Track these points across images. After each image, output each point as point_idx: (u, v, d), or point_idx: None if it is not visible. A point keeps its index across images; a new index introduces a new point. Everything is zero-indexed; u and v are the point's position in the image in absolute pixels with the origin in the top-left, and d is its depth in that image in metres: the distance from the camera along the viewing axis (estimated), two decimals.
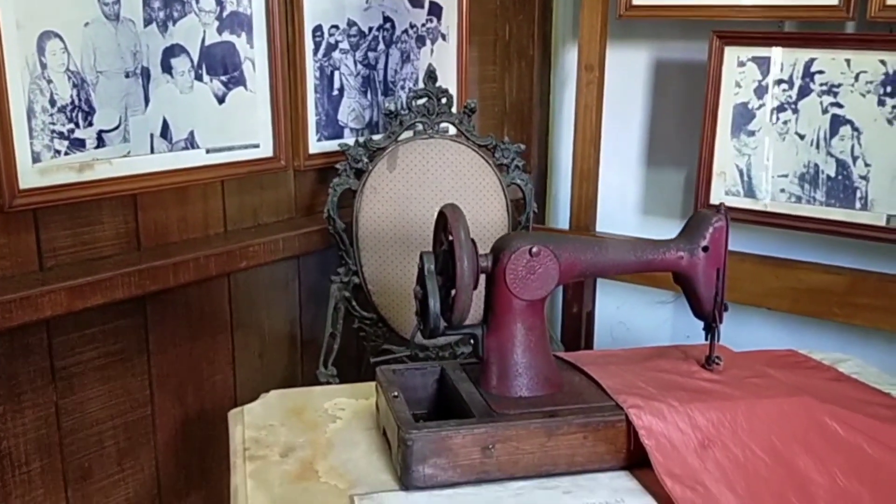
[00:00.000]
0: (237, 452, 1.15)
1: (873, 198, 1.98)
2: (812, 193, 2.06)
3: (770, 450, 1.06)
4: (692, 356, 1.27)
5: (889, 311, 1.99)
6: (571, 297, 2.50)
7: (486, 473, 1.06)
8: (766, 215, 2.12)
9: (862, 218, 2.00)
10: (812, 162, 2.04)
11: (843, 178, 2.01)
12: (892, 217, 1.97)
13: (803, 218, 2.07)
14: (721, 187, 2.17)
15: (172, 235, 1.79)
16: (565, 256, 1.11)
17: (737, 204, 2.15)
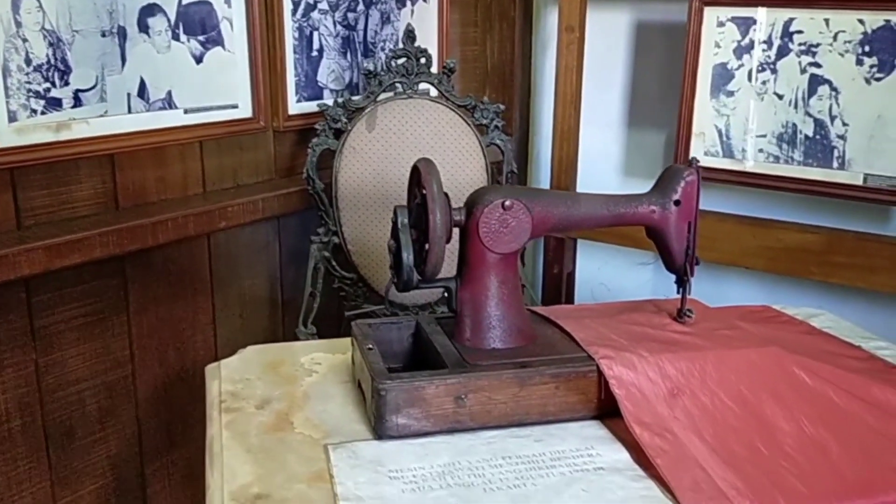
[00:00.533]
0: (213, 405, 1.16)
1: (850, 157, 2.00)
2: (790, 153, 2.07)
3: (738, 398, 1.08)
4: (664, 310, 1.29)
5: (865, 269, 2.02)
6: (552, 257, 2.51)
7: (459, 423, 1.07)
8: (744, 175, 2.13)
9: (839, 177, 2.02)
10: (790, 122, 2.05)
11: (820, 137, 2.02)
12: (869, 176, 1.98)
13: (781, 178, 2.08)
14: (700, 147, 2.18)
15: (151, 196, 1.79)
16: (538, 210, 1.11)
17: (715, 164, 2.16)
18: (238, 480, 0.97)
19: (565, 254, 2.53)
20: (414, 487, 0.97)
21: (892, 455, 1.02)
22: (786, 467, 0.99)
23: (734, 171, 2.15)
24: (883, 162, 1.95)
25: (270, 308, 2.11)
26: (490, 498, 0.95)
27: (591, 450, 1.05)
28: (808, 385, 1.11)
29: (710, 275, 2.29)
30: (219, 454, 1.03)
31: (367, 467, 1.00)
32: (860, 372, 1.20)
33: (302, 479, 0.98)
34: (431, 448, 1.05)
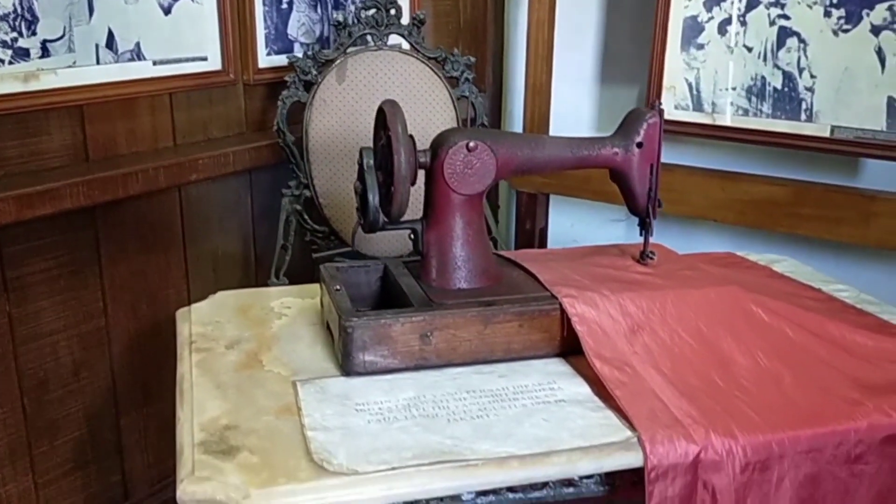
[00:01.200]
0: (184, 345, 1.17)
1: (818, 109, 2.02)
2: (759, 106, 2.09)
3: (696, 334, 1.11)
4: (628, 253, 1.31)
5: (832, 220, 2.05)
6: (524, 213, 2.54)
7: (425, 360, 1.10)
8: (713, 129, 2.15)
9: (807, 129, 2.04)
10: (759, 74, 2.07)
11: (789, 90, 2.05)
12: (836, 128, 2.01)
13: (750, 131, 2.11)
14: (671, 101, 2.20)
15: (121, 148, 1.79)
16: (502, 152, 1.13)
17: (685, 118, 2.18)
18: (207, 413, 0.99)
19: (538, 209, 2.55)
20: (379, 419, 0.99)
21: (844, 386, 1.06)
22: (740, 398, 1.03)
23: (704, 125, 2.17)
24: (849, 114, 1.98)
25: (243, 262, 2.12)
26: (453, 427, 0.97)
27: (553, 384, 1.08)
28: (765, 321, 1.14)
29: (679, 228, 2.33)
30: (189, 390, 1.05)
31: (335, 401, 1.03)
32: (817, 311, 1.23)
33: (270, 412, 1.00)
34: (397, 384, 1.07)
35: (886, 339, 1.17)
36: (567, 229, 2.74)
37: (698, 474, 0.95)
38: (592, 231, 2.71)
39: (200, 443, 0.93)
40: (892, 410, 1.01)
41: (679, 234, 2.30)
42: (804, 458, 0.98)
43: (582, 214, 2.68)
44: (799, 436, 0.98)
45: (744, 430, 0.97)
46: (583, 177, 2.36)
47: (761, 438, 0.97)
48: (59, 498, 1.81)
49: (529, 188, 2.50)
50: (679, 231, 2.31)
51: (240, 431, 0.95)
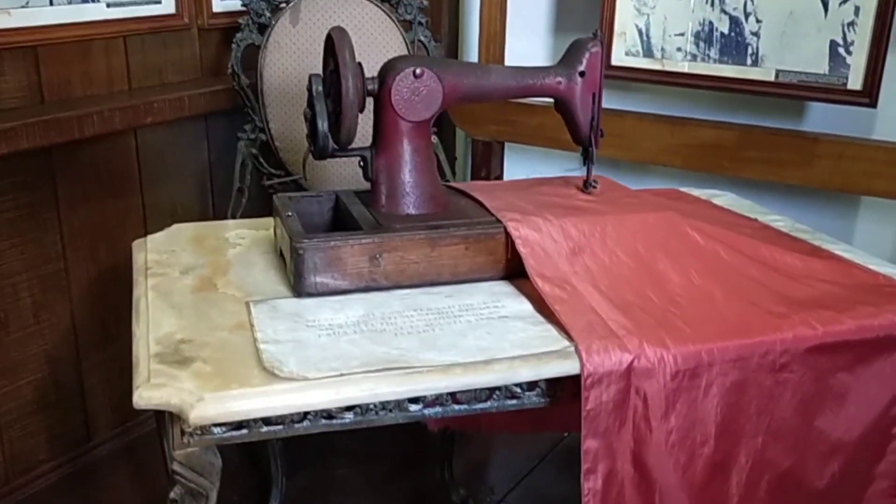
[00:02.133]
0: (140, 271, 1.20)
1: (763, 53, 2.07)
2: (707, 51, 2.14)
3: (634, 255, 1.17)
4: (573, 183, 1.36)
5: (776, 163, 2.11)
6: (480, 162, 2.57)
7: (375, 282, 1.14)
8: (663, 74, 2.20)
9: (752, 74, 2.09)
10: (707, 20, 2.12)
11: (735, 34, 2.09)
12: (781, 72, 2.06)
13: (698, 76, 2.15)
14: (622, 48, 2.24)
15: (76, 90, 1.79)
16: (448, 79, 1.17)
17: (636, 64, 2.22)
18: (163, 329, 1.03)
19: (493, 158, 2.58)
20: (329, 333, 1.03)
21: (772, 301, 1.12)
22: (673, 312, 1.08)
23: (654, 71, 2.21)
24: (794, 57, 2.04)
25: (201, 208, 2.14)
26: (400, 340, 1.02)
27: (498, 303, 1.13)
28: (700, 243, 1.20)
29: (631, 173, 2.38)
30: (145, 310, 1.08)
31: (287, 318, 1.07)
32: (752, 236, 1.29)
33: (224, 328, 1.04)
34: (348, 304, 1.11)
35: (815, 261, 1.24)
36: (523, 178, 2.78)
37: (631, 381, 1.01)
38: None
39: (156, 354, 0.97)
40: (817, 323, 1.08)
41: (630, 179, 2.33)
42: (731, 367, 1.04)
43: (537, 163, 2.72)
44: (727, 346, 1.04)
45: (675, 341, 1.03)
46: (537, 125, 2.40)
47: (691, 348, 1.03)
48: (23, 438, 1.84)
49: (484, 136, 2.54)
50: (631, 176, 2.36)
51: (194, 345, 0.99)
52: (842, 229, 2.18)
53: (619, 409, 1.01)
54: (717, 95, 2.22)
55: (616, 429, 1.01)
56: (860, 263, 1.26)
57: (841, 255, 1.29)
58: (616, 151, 2.27)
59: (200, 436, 0.93)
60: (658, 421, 1.03)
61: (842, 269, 1.23)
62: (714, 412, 1.05)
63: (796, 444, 1.08)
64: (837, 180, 2.05)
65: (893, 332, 1.08)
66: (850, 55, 1.98)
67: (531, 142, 2.47)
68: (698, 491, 1.05)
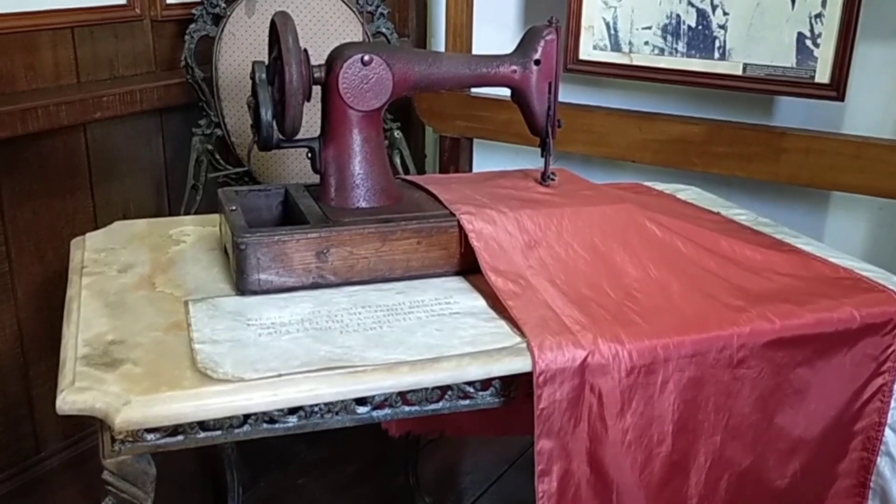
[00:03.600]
0: (75, 270, 1.15)
1: (731, 47, 2.04)
2: (674, 45, 2.11)
3: (590, 248, 1.13)
4: (531, 176, 1.32)
5: (744, 158, 2.08)
6: (448, 158, 2.53)
7: (322, 279, 1.09)
8: (630, 69, 2.16)
9: (720, 67, 2.06)
10: (674, 13, 2.09)
11: (703, 27, 2.06)
12: (748, 66, 2.03)
13: (666, 70, 2.12)
14: (589, 41, 2.20)
15: (20, 84, 1.73)
16: (398, 66, 1.12)
17: (604, 58, 2.18)
18: (94, 330, 0.97)
19: (461, 154, 2.54)
20: (271, 332, 0.98)
21: (730, 294, 1.09)
22: (629, 306, 1.04)
23: (621, 66, 2.17)
24: (761, 50, 2.01)
25: (156, 206, 2.08)
26: (345, 338, 0.97)
27: (450, 299, 1.09)
28: (658, 236, 1.16)
29: (602, 170, 2.35)
30: (76, 310, 1.03)
31: (226, 318, 1.01)
32: (712, 229, 1.26)
33: (159, 328, 0.98)
34: (293, 301, 1.06)
35: (775, 254, 1.20)
36: None
37: (585, 378, 0.97)
38: None
39: (83, 356, 0.91)
40: (775, 316, 1.04)
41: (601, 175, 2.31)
42: (688, 363, 1.01)
43: (506, 160, 2.68)
44: (683, 340, 1.00)
45: (630, 336, 0.99)
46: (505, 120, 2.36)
47: (647, 343, 0.99)
48: None
49: (451, 132, 2.49)
50: (601, 172, 2.33)
51: (125, 346, 0.94)
52: (812, 225, 2.16)
53: (573, 408, 0.97)
54: (686, 90, 2.19)
55: (571, 428, 0.97)
56: (820, 256, 1.23)
57: (801, 248, 1.26)
58: (585, 147, 2.23)
59: (132, 443, 0.88)
60: (614, 419, 0.99)
61: (802, 262, 1.20)
62: (671, 409, 1.02)
63: (756, 442, 1.04)
64: (805, 175, 2.02)
65: (853, 325, 1.05)
66: (817, 48, 1.95)
67: (499, 138, 2.42)
68: (656, 491, 1.01)
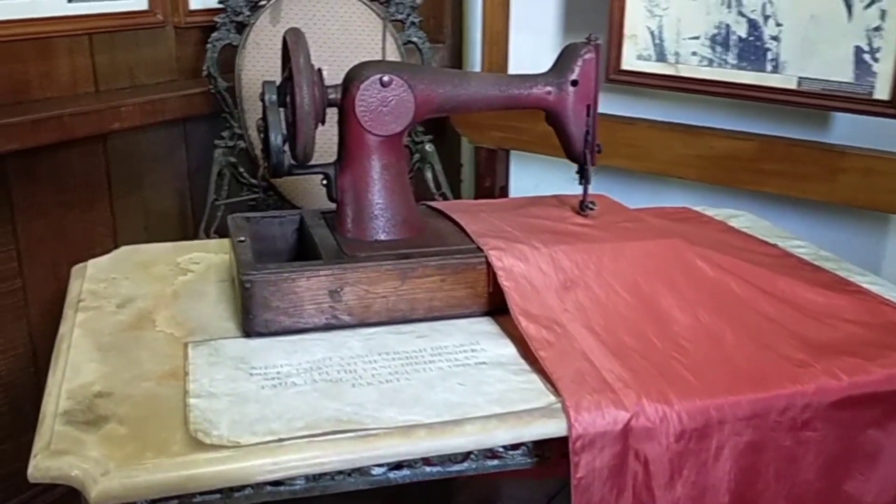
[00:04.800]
0: (70, 304, 1.06)
1: (784, 59, 1.91)
2: (723, 56, 1.98)
3: (633, 289, 1.01)
4: (567, 203, 1.21)
5: (797, 177, 1.95)
6: (483, 170, 2.42)
7: (336, 319, 0.99)
8: (677, 80, 2.04)
9: (772, 81, 1.93)
10: (723, 23, 1.96)
11: (754, 38, 1.93)
12: (803, 79, 1.90)
13: (714, 82, 1.99)
14: (633, 51, 2.08)
15: (33, 92, 1.65)
16: (421, 88, 1.02)
17: (648, 69, 2.06)
18: (80, 378, 0.88)
19: (497, 166, 2.43)
20: (275, 384, 0.89)
21: (790, 346, 0.97)
22: (677, 358, 0.93)
23: (667, 76, 2.05)
24: (816, 64, 1.87)
25: (180, 221, 2.00)
26: (356, 393, 0.87)
27: (476, 345, 0.98)
28: (709, 276, 1.04)
29: (645, 186, 2.22)
30: (65, 352, 0.94)
31: (228, 364, 0.92)
32: (769, 267, 1.14)
33: (152, 376, 0.89)
34: (303, 345, 0.97)
35: (839, 296, 1.08)
36: (531, 188, 2.62)
37: (629, 443, 0.86)
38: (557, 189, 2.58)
39: (64, 412, 0.82)
40: (842, 372, 0.92)
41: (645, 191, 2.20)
42: (745, 425, 0.89)
43: (545, 173, 2.56)
44: (739, 400, 0.89)
45: (679, 395, 0.88)
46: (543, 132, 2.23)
47: (698, 403, 0.88)
48: None
49: (487, 143, 2.38)
50: (645, 188, 2.21)
51: (112, 399, 0.84)
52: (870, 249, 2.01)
53: (615, 477, 0.86)
54: (735, 103, 2.06)
55: (613, 499, 0.86)
56: (890, 299, 1.10)
57: (867, 289, 1.13)
58: (628, 162, 2.11)
59: None
60: (662, 490, 0.87)
61: (869, 306, 1.07)
62: (727, 478, 0.90)
63: None
64: (864, 197, 1.88)
65: None
66: (876, 62, 1.81)
67: (537, 150, 2.31)
68: None
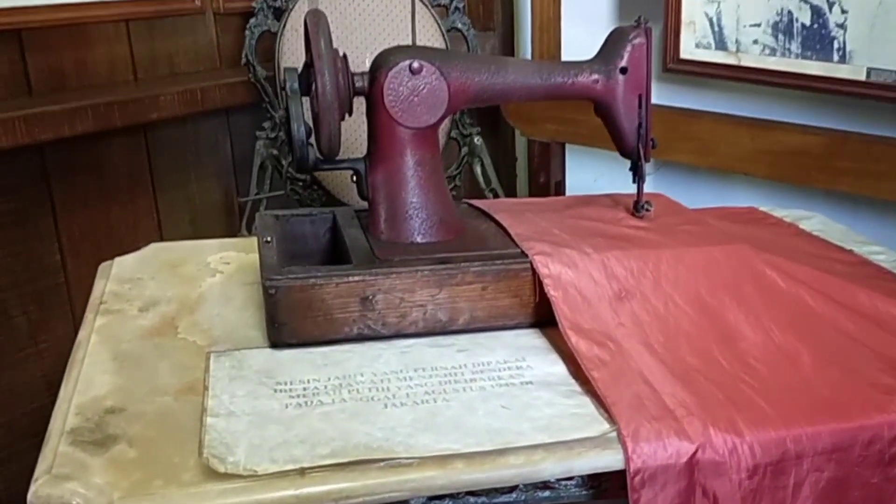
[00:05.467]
0: (92, 306, 1.00)
1: (852, 49, 1.78)
2: (787, 45, 1.85)
3: (696, 302, 0.91)
4: (621, 203, 1.12)
5: (871, 175, 1.81)
6: (537, 165, 2.32)
7: (369, 329, 0.91)
8: (738, 70, 1.92)
9: (840, 72, 1.79)
10: (785, 9, 1.83)
11: (818, 26, 1.80)
12: (873, 70, 1.76)
13: (778, 72, 1.87)
14: (691, 39, 1.96)
15: (70, 80, 1.61)
16: (455, 76, 0.93)
17: (708, 58, 1.94)
18: (92, 391, 0.82)
19: (552, 161, 2.33)
20: (301, 402, 0.81)
21: (876, 369, 0.86)
22: (748, 381, 0.83)
23: (728, 66, 1.93)
24: (887, 54, 1.74)
25: (225, 214, 1.95)
26: (389, 415, 0.79)
27: (522, 361, 0.89)
28: (781, 287, 0.94)
29: (709, 183, 2.11)
30: (79, 362, 0.88)
31: (251, 378, 0.85)
32: (847, 276, 1.03)
33: (169, 390, 0.82)
34: (333, 358, 0.89)
35: None
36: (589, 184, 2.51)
37: (696, 478, 0.76)
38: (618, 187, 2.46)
39: (71, 430, 0.76)
40: None
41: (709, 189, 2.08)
42: (827, 460, 0.79)
43: (604, 167, 2.44)
44: (820, 431, 0.79)
45: (751, 424, 0.78)
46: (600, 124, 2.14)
47: (773, 435, 0.78)
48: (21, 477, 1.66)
49: (541, 136, 2.28)
50: (710, 186, 2.09)
51: (125, 416, 0.78)
52: None
53: None
54: (802, 95, 1.93)
55: None
56: None
57: None
58: (691, 157, 1.99)
59: None
60: None
61: None
62: None
63: None
64: None
65: None
66: None
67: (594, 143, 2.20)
68: None
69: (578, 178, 2.45)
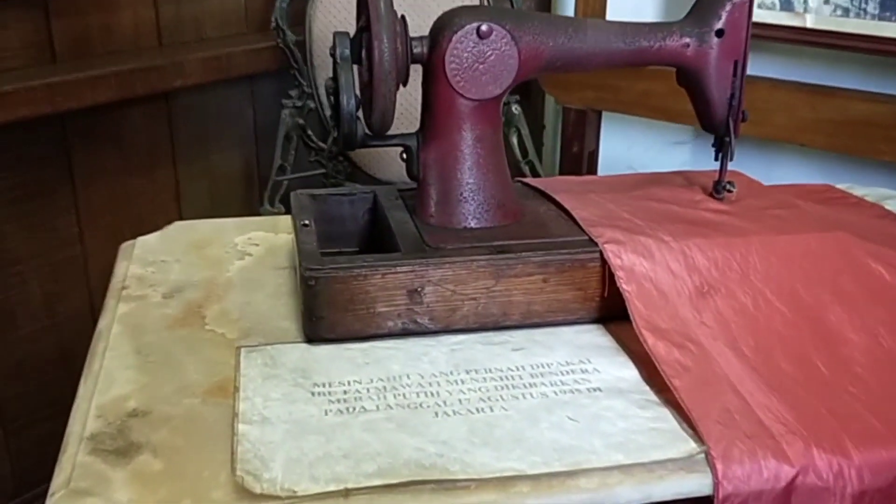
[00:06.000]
0: (113, 291, 0.92)
1: None
2: (863, 5, 1.72)
3: (791, 299, 0.81)
4: (698, 183, 1.00)
5: None
6: (571, 133, 2.20)
7: (415, 324, 0.82)
8: (806, 32, 1.78)
9: None
10: None
11: None
12: None
13: (850, 35, 1.73)
14: None
15: (95, 47, 1.52)
16: (527, 39, 0.82)
17: (772, 19, 1.81)
18: (113, 390, 0.73)
19: (587, 129, 2.21)
20: (342, 408, 0.72)
21: None
22: (853, 393, 0.73)
23: (793, 28, 1.80)
24: None
25: (246, 185, 1.86)
26: (441, 425, 0.70)
27: (587, 364, 0.79)
28: (887, 282, 0.83)
29: (759, 154, 1.98)
30: (100, 355, 0.80)
31: (287, 379, 0.76)
32: None
33: (197, 391, 0.73)
34: (375, 356, 0.79)
35: None
36: (622, 153, 2.39)
37: None
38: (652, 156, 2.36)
39: (92, 436, 0.67)
40: None
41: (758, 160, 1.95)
42: None
43: (639, 136, 2.33)
44: None
45: (860, 443, 0.68)
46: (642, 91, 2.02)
47: (885, 455, 0.67)
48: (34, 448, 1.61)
49: (578, 103, 2.16)
50: (758, 157, 1.97)
51: (149, 420, 0.69)
52: None
53: None
54: (872, 61, 1.79)
55: None
56: None
57: None
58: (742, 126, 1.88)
59: None
60: None
61: None
62: None
63: None
64: None
65: None
66: None
67: (634, 111, 2.09)
68: None
69: (611, 146, 2.34)
